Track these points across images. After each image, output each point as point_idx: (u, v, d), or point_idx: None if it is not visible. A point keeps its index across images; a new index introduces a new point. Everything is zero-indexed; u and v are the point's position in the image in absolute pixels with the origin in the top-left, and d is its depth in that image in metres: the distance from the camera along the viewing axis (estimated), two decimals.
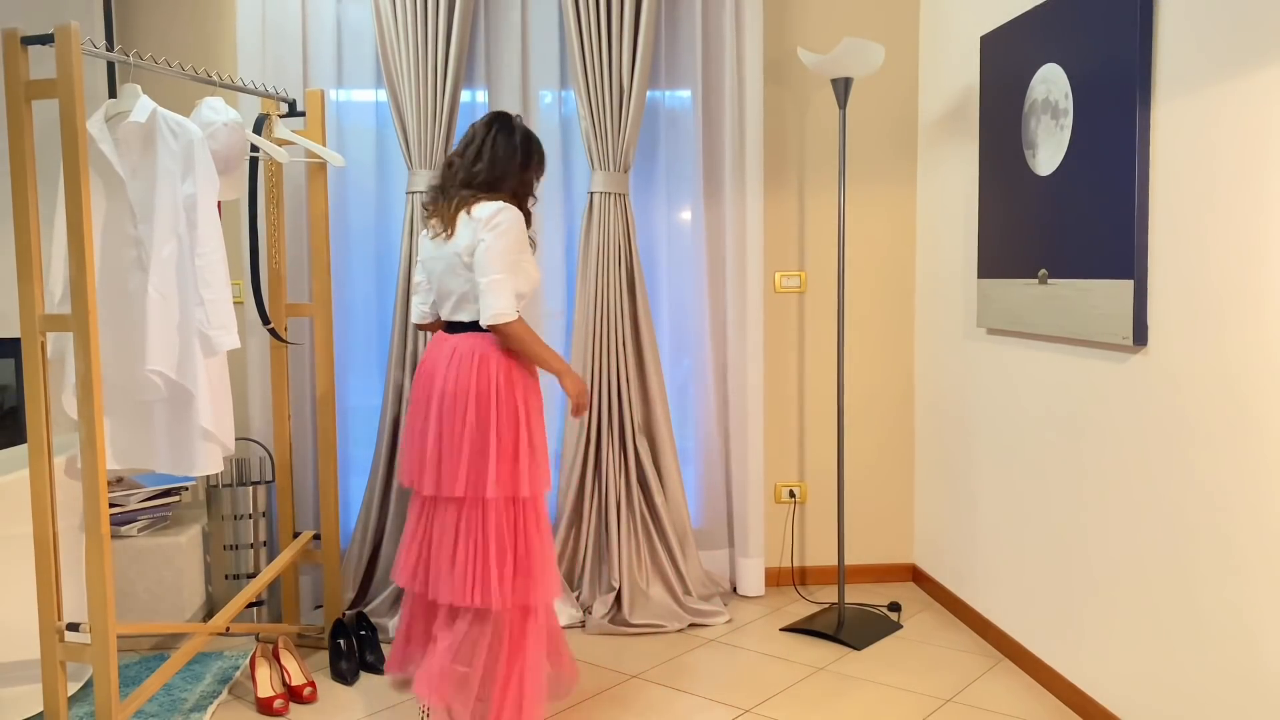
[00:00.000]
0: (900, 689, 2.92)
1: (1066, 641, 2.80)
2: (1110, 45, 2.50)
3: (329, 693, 2.93)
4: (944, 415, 3.61)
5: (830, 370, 3.84)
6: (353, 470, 3.62)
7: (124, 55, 2.50)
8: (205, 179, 2.51)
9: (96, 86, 3.36)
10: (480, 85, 3.58)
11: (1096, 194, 2.57)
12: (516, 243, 2.49)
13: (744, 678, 3.01)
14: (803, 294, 3.85)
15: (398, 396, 3.46)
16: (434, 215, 2.59)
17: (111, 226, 2.50)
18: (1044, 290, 2.83)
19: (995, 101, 3.13)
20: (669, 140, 3.69)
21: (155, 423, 2.57)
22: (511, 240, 2.49)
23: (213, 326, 2.52)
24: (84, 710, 2.71)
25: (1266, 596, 2.05)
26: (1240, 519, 2.12)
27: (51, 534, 2.32)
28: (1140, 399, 2.45)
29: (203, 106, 2.71)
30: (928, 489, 3.79)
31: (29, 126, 2.27)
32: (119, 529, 3.18)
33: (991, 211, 3.16)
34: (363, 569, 3.47)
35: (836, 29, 3.74)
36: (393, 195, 3.62)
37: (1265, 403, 2.04)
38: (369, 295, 3.65)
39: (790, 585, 3.88)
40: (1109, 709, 2.59)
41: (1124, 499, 2.52)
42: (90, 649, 2.33)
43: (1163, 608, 2.37)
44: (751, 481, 3.70)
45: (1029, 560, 3.00)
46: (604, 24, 3.41)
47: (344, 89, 3.57)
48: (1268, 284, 2.03)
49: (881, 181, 3.84)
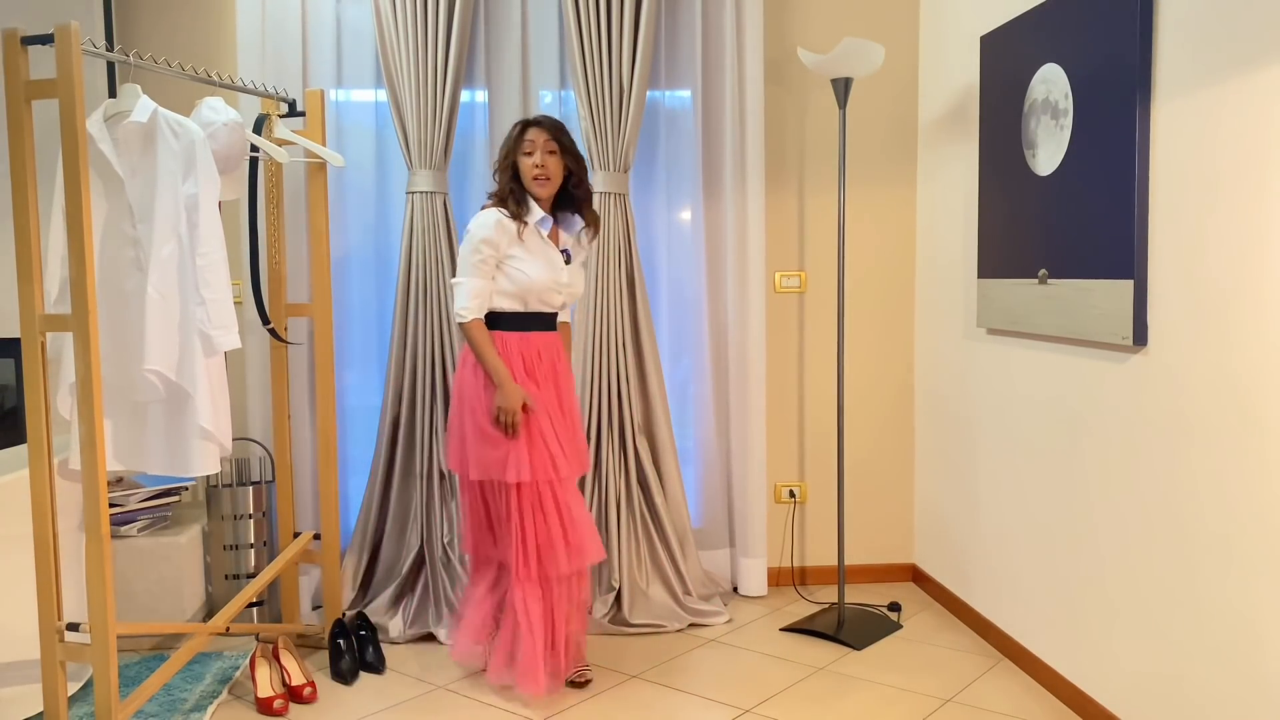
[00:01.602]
0: (900, 689, 2.92)
1: (1066, 641, 2.80)
2: (1110, 45, 2.50)
3: (329, 693, 2.93)
4: (944, 415, 3.61)
5: (830, 370, 3.84)
6: (353, 470, 3.62)
7: (124, 55, 2.50)
8: (207, 179, 2.51)
9: (96, 86, 3.36)
10: (480, 85, 3.58)
11: (1096, 194, 2.57)
12: (474, 247, 2.76)
13: (744, 678, 3.01)
14: (803, 294, 3.85)
15: (398, 396, 3.46)
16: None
17: (110, 226, 2.50)
18: (1044, 290, 2.83)
19: (995, 101, 3.13)
20: (669, 140, 3.69)
21: (151, 423, 2.57)
22: (471, 244, 2.78)
23: (214, 326, 2.52)
24: (84, 710, 2.71)
25: (1267, 596, 2.05)
26: (1241, 519, 2.12)
27: (51, 534, 2.33)
28: (1140, 399, 2.44)
29: (203, 106, 2.71)
30: (928, 489, 3.79)
31: (29, 126, 2.27)
32: (119, 529, 3.18)
33: (991, 211, 3.16)
34: (363, 569, 3.47)
35: (836, 29, 3.74)
36: (393, 195, 3.62)
37: (1265, 402, 2.04)
38: (369, 295, 3.65)
39: (790, 585, 3.88)
40: (1109, 709, 2.59)
41: (1124, 499, 2.51)
42: (90, 649, 2.33)
43: (1163, 608, 2.37)
44: (752, 481, 3.70)
45: (1029, 560, 2.99)
46: (604, 24, 3.41)
47: (344, 89, 3.57)
48: (1268, 284, 2.03)
49: (881, 181, 3.84)
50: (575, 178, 2.88)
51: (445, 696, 2.89)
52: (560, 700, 2.84)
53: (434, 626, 3.33)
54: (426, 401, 3.45)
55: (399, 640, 3.30)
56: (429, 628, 3.34)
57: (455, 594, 3.36)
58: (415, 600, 3.40)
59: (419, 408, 3.45)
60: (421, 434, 3.45)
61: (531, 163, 2.81)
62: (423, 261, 3.42)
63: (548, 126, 2.83)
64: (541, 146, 2.81)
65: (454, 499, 3.45)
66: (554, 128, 2.84)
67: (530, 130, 2.83)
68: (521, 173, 2.83)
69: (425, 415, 3.45)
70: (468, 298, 2.75)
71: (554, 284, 2.83)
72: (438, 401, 3.45)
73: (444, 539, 3.42)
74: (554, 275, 2.84)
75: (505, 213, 2.79)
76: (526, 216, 2.80)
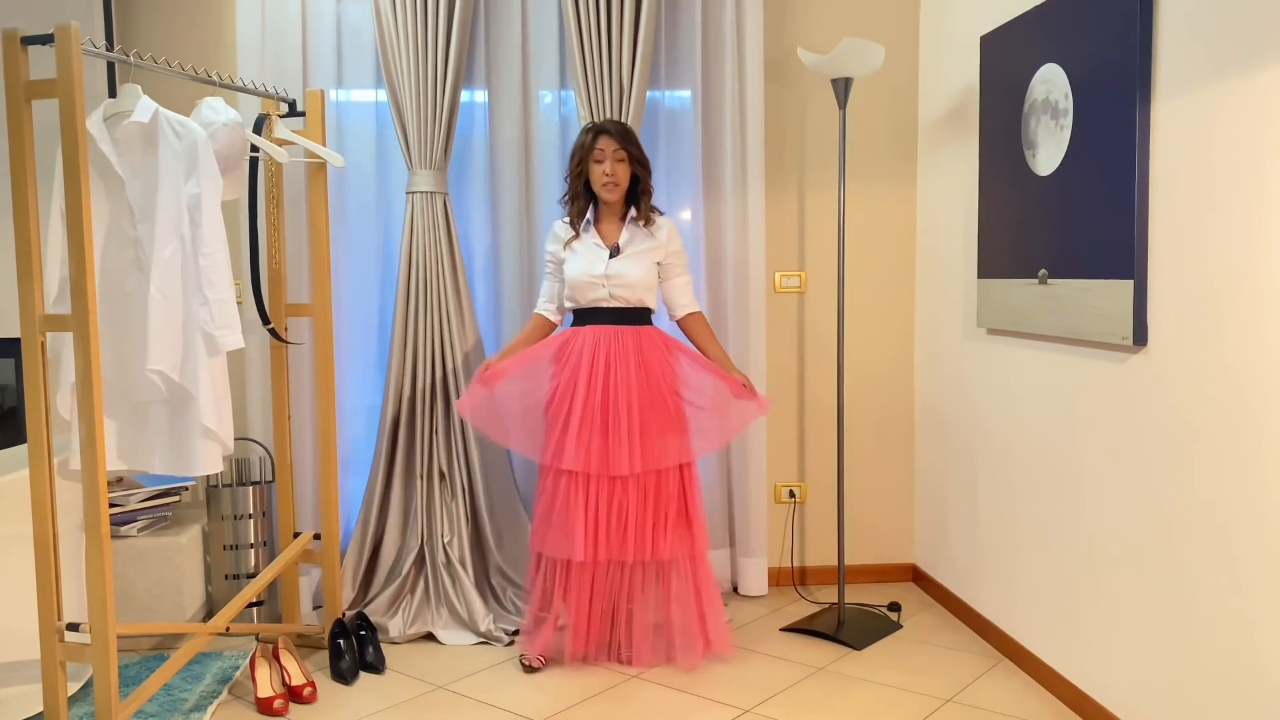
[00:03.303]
0: (900, 689, 2.92)
1: (1066, 641, 2.80)
2: (1110, 45, 2.50)
3: (329, 693, 2.93)
4: (944, 415, 3.61)
5: (830, 370, 3.84)
6: (353, 470, 3.62)
7: (124, 55, 2.50)
8: (209, 179, 2.51)
9: (96, 86, 3.36)
10: (480, 85, 3.58)
11: (1096, 194, 2.57)
12: (545, 252, 3.23)
13: (744, 678, 3.01)
14: (803, 294, 3.85)
15: (398, 396, 3.46)
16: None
17: (110, 227, 2.50)
18: (1044, 290, 2.83)
19: (995, 101, 3.13)
20: (669, 140, 3.69)
21: (153, 423, 2.57)
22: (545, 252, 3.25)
23: (217, 326, 2.52)
24: (84, 710, 2.71)
25: (1265, 596, 2.05)
26: (1240, 519, 2.12)
27: (51, 534, 2.33)
28: (1140, 399, 2.44)
29: (203, 106, 2.71)
30: (928, 489, 3.79)
31: (29, 126, 2.27)
32: (119, 529, 3.18)
33: (991, 211, 3.16)
34: (363, 569, 3.47)
35: (836, 29, 3.74)
36: (393, 195, 3.62)
37: (1265, 403, 2.04)
38: (369, 295, 3.64)
39: (790, 585, 3.88)
40: (1109, 709, 2.59)
41: (1124, 499, 2.51)
42: (90, 649, 2.33)
43: (1163, 607, 2.37)
44: (752, 481, 3.70)
45: (1029, 560, 2.99)
46: (604, 24, 3.41)
47: (344, 89, 3.57)
48: (1267, 284, 2.03)
49: (881, 181, 3.84)
50: (641, 182, 3.12)
51: (445, 696, 2.90)
52: (560, 700, 2.84)
53: (434, 626, 3.33)
54: (426, 401, 3.45)
55: (399, 640, 3.30)
56: (429, 628, 3.34)
57: (455, 594, 3.36)
58: (415, 600, 3.40)
59: (419, 408, 3.45)
60: (421, 434, 3.45)
61: (602, 170, 3.05)
62: (423, 262, 3.42)
63: (617, 135, 3.06)
64: (611, 155, 3.05)
65: (454, 499, 3.46)
66: (623, 135, 3.08)
67: (601, 139, 3.05)
68: (592, 178, 3.08)
69: (425, 415, 3.45)
70: (539, 298, 3.27)
71: (589, 277, 3.04)
72: (438, 401, 3.45)
73: (444, 539, 3.42)
74: (589, 270, 3.05)
75: (565, 220, 3.17)
76: (578, 222, 3.12)
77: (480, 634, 3.29)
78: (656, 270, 3.12)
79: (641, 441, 2.97)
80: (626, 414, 2.96)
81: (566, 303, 3.15)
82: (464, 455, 3.46)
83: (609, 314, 3.06)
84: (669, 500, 3.01)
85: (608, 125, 3.08)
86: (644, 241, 3.11)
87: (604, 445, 2.96)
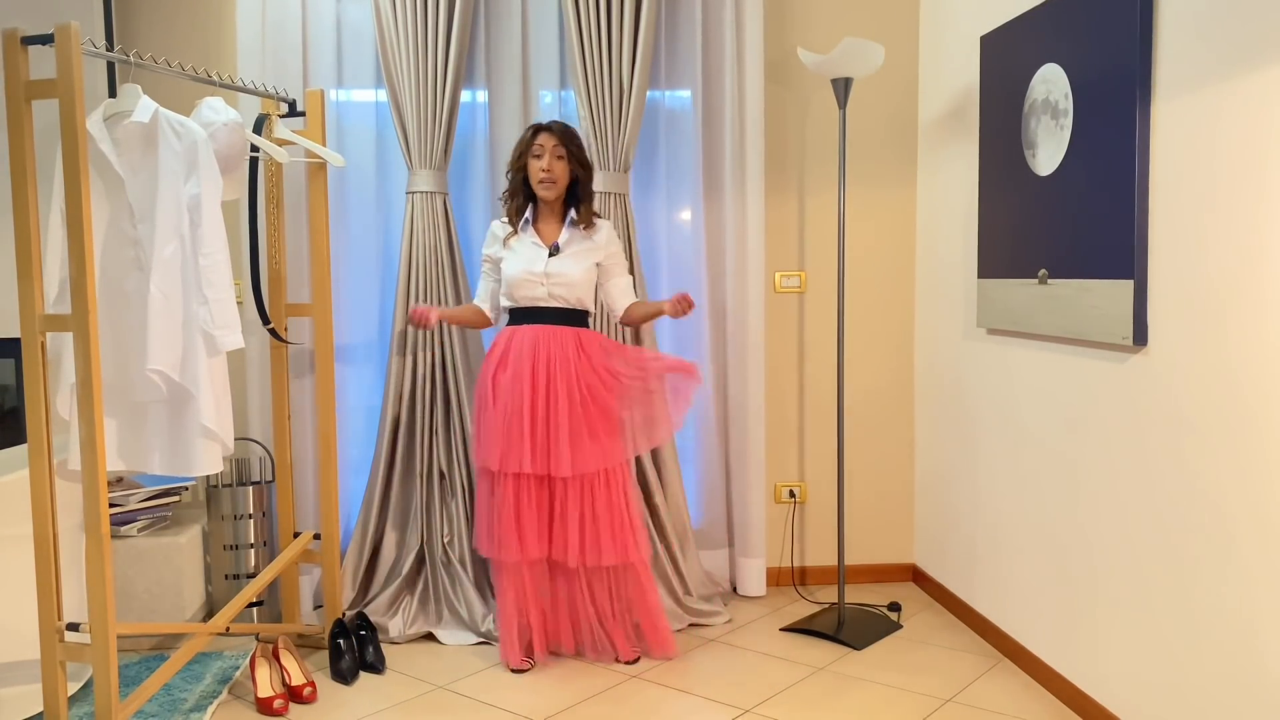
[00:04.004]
0: (900, 689, 2.92)
1: (1066, 641, 2.80)
2: (1110, 45, 2.50)
3: (329, 693, 2.93)
4: (944, 415, 3.61)
5: (830, 370, 3.84)
6: (353, 470, 3.62)
7: (124, 55, 2.50)
8: (209, 179, 2.51)
9: (96, 86, 3.36)
10: (480, 85, 3.58)
11: (1096, 194, 2.57)
12: (481, 253, 3.22)
13: (744, 678, 3.01)
14: (803, 294, 3.85)
15: (398, 396, 3.46)
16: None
17: (110, 226, 2.50)
18: (1044, 290, 2.83)
19: (995, 102, 3.13)
20: (669, 140, 3.69)
21: (153, 423, 2.57)
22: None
23: (217, 326, 2.52)
24: (84, 710, 2.71)
25: (1266, 596, 2.05)
26: (1240, 519, 2.12)
27: (51, 534, 2.33)
28: (1140, 399, 2.45)
29: (203, 106, 2.71)
30: (928, 489, 3.79)
31: (29, 126, 2.27)
32: (119, 529, 3.18)
33: (991, 211, 3.16)
34: (363, 569, 3.47)
35: (836, 29, 3.74)
36: (393, 195, 3.62)
37: (1265, 403, 2.04)
38: (369, 295, 3.64)
39: (790, 585, 3.88)
40: (1109, 709, 2.59)
41: (1124, 499, 2.52)
42: (90, 649, 2.33)
43: (1163, 607, 2.37)
44: (752, 481, 3.70)
45: (1029, 560, 3.00)
46: (604, 24, 3.41)
47: (344, 89, 3.56)
48: (1268, 284, 2.03)
49: (881, 181, 3.84)
50: (581, 184, 3.09)
51: (445, 696, 2.90)
52: (560, 700, 2.84)
53: (434, 626, 3.33)
54: (426, 401, 3.45)
55: (399, 640, 3.30)
56: (429, 628, 3.34)
57: (455, 594, 3.36)
58: (415, 600, 3.40)
59: (419, 408, 3.45)
60: (421, 434, 3.45)
61: (539, 166, 3.03)
62: (423, 261, 3.42)
63: (557, 132, 3.04)
64: (550, 151, 3.02)
65: (454, 499, 3.46)
66: (563, 134, 3.05)
67: (541, 135, 3.04)
68: (530, 175, 3.06)
69: (425, 415, 3.45)
70: (474, 296, 3.27)
71: (528, 275, 3.02)
72: (438, 401, 3.45)
73: (444, 539, 3.43)
74: (529, 268, 3.03)
75: (503, 220, 3.14)
76: (516, 220, 3.09)
77: (480, 634, 3.29)
78: (595, 271, 3.10)
79: (583, 443, 2.97)
80: (568, 415, 2.95)
81: (504, 301, 3.11)
82: (464, 455, 3.46)
83: (548, 314, 3.03)
84: (608, 504, 3.01)
85: (550, 124, 3.07)
86: (582, 242, 3.09)
87: (545, 446, 2.96)
